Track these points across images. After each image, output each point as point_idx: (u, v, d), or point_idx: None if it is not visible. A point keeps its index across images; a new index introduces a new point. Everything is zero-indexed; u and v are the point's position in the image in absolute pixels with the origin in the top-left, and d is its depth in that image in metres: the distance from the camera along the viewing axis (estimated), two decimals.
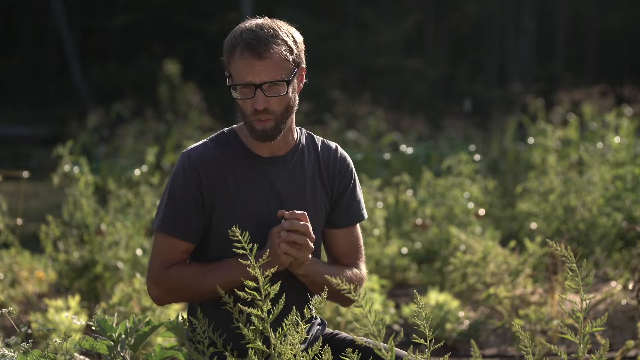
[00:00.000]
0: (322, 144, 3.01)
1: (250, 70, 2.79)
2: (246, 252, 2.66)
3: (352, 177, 3.01)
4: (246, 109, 2.83)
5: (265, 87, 2.79)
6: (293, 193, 2.91)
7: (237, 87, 2.81)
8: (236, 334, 2.77)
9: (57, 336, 3.74)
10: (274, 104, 2.82)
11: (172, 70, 17.40)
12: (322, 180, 2.97)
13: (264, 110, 2.80)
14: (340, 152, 3.02)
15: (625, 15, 29.84)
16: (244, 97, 2.81)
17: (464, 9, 31.30)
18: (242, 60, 2.79)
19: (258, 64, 2.78)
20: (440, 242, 7.13)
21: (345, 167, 3.00)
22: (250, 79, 2.79)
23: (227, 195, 2.87)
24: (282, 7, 27.91)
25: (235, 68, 2.81)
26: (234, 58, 2.81)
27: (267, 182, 2.89)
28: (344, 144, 12.41)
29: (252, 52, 2.78)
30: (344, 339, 3.02)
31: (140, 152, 12.52)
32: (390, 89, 26.76)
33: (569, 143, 10.24)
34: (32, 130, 23.25)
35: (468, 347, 5.30)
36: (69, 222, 6.42)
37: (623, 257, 5.90)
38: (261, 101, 2.80)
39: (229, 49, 2.83)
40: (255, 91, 2.80)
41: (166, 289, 2.87)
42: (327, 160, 2.99)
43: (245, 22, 2.87)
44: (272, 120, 2.83)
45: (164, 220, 2.87)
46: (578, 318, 2.62)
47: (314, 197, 2.94)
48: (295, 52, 2.84)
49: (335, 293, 2.76)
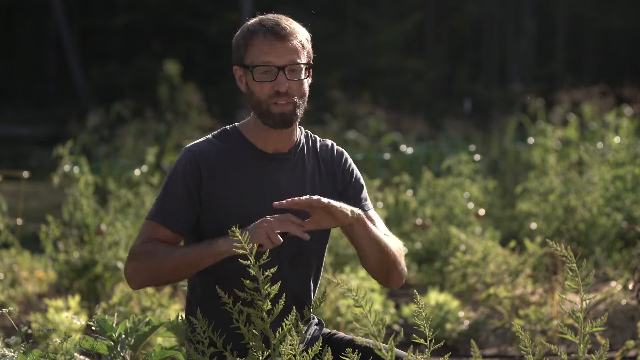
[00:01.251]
0: (319, 142, 3.02)
1: (273, 52, 2.81)
2: (246, 252, 2.66)
3: (352, 169, 3.01)
4: (263, 93, 2.83)
5: (286, 69, 2.82)
6: (295, 190, 2.90)
7: (255, 71, 2.82)
8: (236, 334, 2.76)
9: (57, 336, 3.74)
10: (294, 88, 2.83)
11: (172, 70, 17.40)
12: (322, 178, 2.97)
13: (285, 93, 2.82)
14: (337, 148, 3.03)
15: (625, 15, 29.83)
16: (264, 79, 2.82)
17: (464, 9, 31.29)
18: (265, 42, 2.81)
19: (281, 45, 2.81)
20: (440, 242, 7.13)
21: (344, 161, 3.01)
22: (273, 60, 2.81)
23: (229, 190, 2.87)
24: (282, 7, 27.91)
25: (255, 52, 2.83)
26: (253, 42, 2.83)
27: (270, 178, 2.89)
28: (344, 144, 12.41)
29: (275, 34, 2.81)
30: (342, 338, 3.01)
31: (140, 152, 12.52)
32: (390, 89, 26.75)
33: (569, 143, 10.24)
34: (32, 130, 23.25)
35: (468, 347, 5.30)
36: (69, 222, 6.42)
37: (623, 257, 5.90)
38: (283, 83, 2.81)
39: (247, 35, 2.85)
40: (277, 73, 2.81)
41: (138, 262, 2.82)
42: (325, 157, 2.99)
43: (256, 18, 2.91)
44: (291, 104, 2.84)
45: (158, 210, 2.87)
46: (578, 318, 2.62)
47: (315, 194, 2.93)
48: (309, 45, 2.89)
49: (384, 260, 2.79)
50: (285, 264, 2.88)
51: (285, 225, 2.72)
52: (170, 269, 2.81)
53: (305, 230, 2.75)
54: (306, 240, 2.74)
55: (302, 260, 2.92)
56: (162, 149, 13.30)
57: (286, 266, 2.88)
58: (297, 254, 2.90)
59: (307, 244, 2.84)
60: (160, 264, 2.81)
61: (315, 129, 13.59)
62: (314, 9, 29.19)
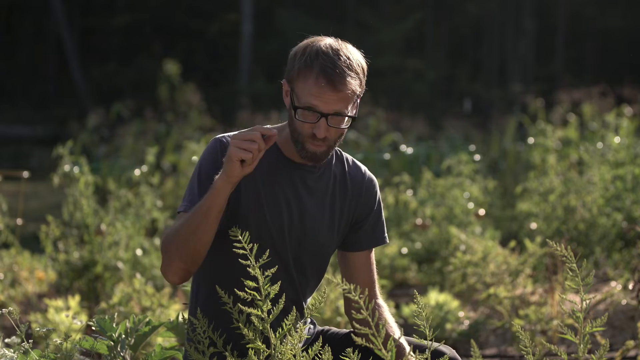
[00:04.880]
0: (351, 163, 3.00)
1: (321, 98, 2.75)
2: (246, 252, 2.66)
3: (377, 200, 3.00)
4: (303, 130, 2.80)
5: (329, 117, 2.78)
6: (314, 201, 2.91)
7: (299, 109, 2.79)
8: (236, 334, 2.77)
9: (57, 336, 3.74)
10: (332, 134, 2.81)
11: (172, 70, 17.41)
12: (344, 199, 2.96)
13: (323, 138, 2.79)
14: (369, 175, 3.01)
15: (625, 15, 29.84)
16: (305, 120, 2.78)
17: (464, 9, 31.29)
18: (315, 86, 2.75)
19: (331, 94, 2.75)
20: (440, 242, 7.13)
21: (372, 188, 2.99)
22: (320, 106, 2.76)
23: (252, 189, 2.86)
24: (282, 7, 27.94)
25: (304, 89, 2.77)
26: (305, 79, 2.77)
27: (292, 185, 2.89)
28: (344, 144, 12.41)
29: (328, 81, 2.75)
30: (337, 333, 3.02)
31: (140, 152, 12.52)
32: (391, 89, 26.75)
33: (569, 143, 10.24)
34: (32, 130, 23.25)
35: (468, 347, 5.30)
36: (69, 222, 6.42)
37: (623, 257, 5.90)
38: (323, 130, 2.78)
39: (301, 67, 2.78)
40: (319, 118, 2.77)
41: (166, 251, 2.78)
42: (353, 179, 2.98)
43: (319, 39, 2.83)
44: (325, 146, 2.82)
45: (188, 202, 2.82)
46: (578, 318, 2.62)
47: (332, 211, 2.93)
48: (362, 84, 2.83)
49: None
50: (284, 268, 2.89)
51: (244, 142, 2.67)
52: (190, 233, 2.74)
53: None
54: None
55: (301, 265, 2.93)
56: (162, 149, 13.30)
57: (286, 269, 2.89)
58: (297, 259, 2.91)
59: (310, 247, 2.87)
60: (182, 235, 2.75)
61: None
62: (314, 9, 29.20)
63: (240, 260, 2.72)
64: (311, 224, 2.89)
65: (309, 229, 2.90)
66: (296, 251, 2.90)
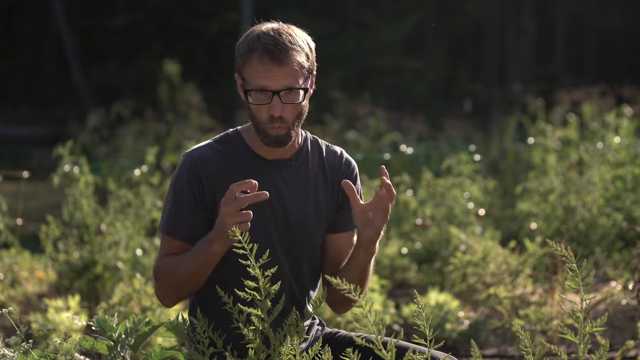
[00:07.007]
0: (326, 148, 3.00)
1: (268, 76, 2.76)
2: (246, 252, 2.66)
3: (356, 180, 3.01)
4: (260, 116, 2.80)
5: (282, 93, 2.77)
6: (295, 196, 2.90)
7: (251, 92, 2.79)
8: (236, 334, 2.76)
9: (57, 336, 3.74)
10: (289, 112, 2.80)
11: (172, 70, 17.41)
12: (327, 184, 2.96)
13: (279, 117, 2.79)
14: (345, 157, 3.01)
15: (625, 15, 29.83)
16: (259, 102, 2.79)
17: (464, 9, 31.29)
18: (260, 65, 2.76)
19: (277, 70, 2.76)
20: (440, 242, 7.13)
21: (350, 170, 3.00)
22: (268, 84, 2.76)
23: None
24: (282, 7, 27.92)
25: (251, 72, 2.78)
26: (250, 62, 2.78)
27: (270, 185, 2.88)
28: (344, 144, 12.40)
29: (272, 57, 2.75)
30: (344, 336, 3.01)
31: (140, 152, 12.52)
32: (390, 89, 26.75)
33: (569, 143, 10.24)
34: (32, 130, 23.24)
35: (468, 347, 5.30)
36: (69, 222, 6.42)
37: (623, 257, 5.90)
38: (278, 108, 2.77)
39: (245, 52, 2.79)
40: (271, 97, 2.77)
41: (160, 281, 2.85)
42: (332, 164, 2.98)
43: (260, 25, 2.84)
44: (285, 128, 2.81)
45: (168, 222, 2.87)
46: (578, 318, 2.62)
47: (316, 202, 2.93)
48: (310, 59, 2.83)
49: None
50: (279, 270, 2.88)
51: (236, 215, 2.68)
52: (188, 277, 2.82)
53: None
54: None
55: (296, 263, 2.93)
56: (162, 149, 13.31)
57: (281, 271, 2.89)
58: (290, 258, 2.91)
59: (300, 244, 2.87)
60: (179, 276, 2.83)
61: (316, 129, 13.60)
62: (314, 9, 29.20)
63: (240, 260, 2.72)
64: (297, 221, 2.90)
65: (296, 227, 2.90)
66: (288, 251, 2.89)
